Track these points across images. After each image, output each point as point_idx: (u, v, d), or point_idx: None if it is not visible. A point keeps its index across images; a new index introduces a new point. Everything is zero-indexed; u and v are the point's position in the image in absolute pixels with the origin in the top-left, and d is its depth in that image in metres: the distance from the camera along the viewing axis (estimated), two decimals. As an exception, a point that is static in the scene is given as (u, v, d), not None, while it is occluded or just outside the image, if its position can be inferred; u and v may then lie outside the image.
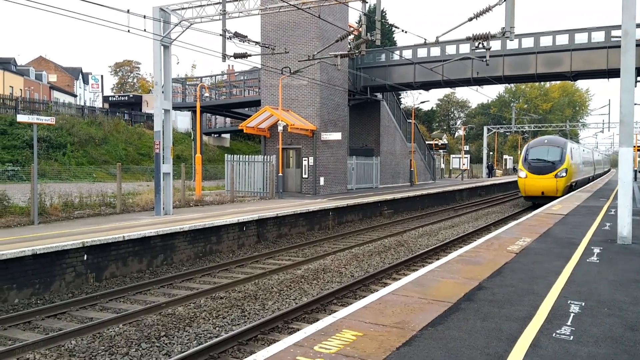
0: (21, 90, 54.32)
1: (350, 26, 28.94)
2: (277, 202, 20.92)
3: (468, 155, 56.52)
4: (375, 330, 5.05)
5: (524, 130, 72.51)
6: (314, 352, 4.46)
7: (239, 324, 8.02)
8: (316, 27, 24.88)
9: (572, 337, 4.94)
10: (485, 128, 64.60)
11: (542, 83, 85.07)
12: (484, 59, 18.08)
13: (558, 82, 75.27)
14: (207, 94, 29.65)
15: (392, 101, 36.92)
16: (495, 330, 5.11)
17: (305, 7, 16.11)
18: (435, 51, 28.51)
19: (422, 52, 29.02)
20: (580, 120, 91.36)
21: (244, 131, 26.48)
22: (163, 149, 16.29)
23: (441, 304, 6.02)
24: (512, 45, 26.62)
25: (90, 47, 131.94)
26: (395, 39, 53.03)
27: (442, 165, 56.41)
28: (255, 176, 24.96)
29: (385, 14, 52.90)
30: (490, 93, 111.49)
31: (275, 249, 14.77)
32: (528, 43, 27.06)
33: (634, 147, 14.39)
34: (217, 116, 44.94)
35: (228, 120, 45.66)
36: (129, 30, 13.58)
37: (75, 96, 68.33)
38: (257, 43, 16.50)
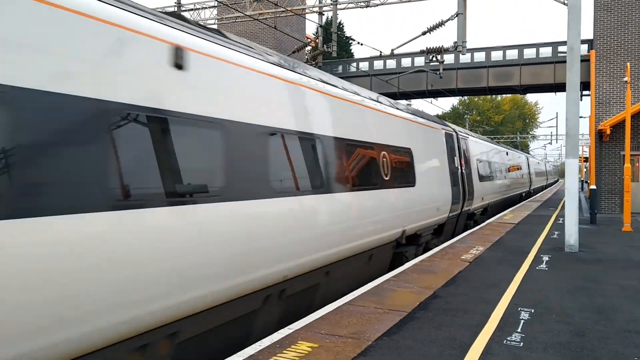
0: None
1: (307, 37, 29.14)
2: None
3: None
4: (331, 341, 5.04)
5: (477, 141, 74.41)
6: (269, 364, 4.41)
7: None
8: (273, 38, 24.94)
9: (522, 343, 5.06)
10: (439, 139, 65.88)
11: (494, 96, 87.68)
12: (438, 72, 18.50)
13: (509, 95, 77.75)
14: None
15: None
16: (449, 338, 5.18)
17: (262, 18, 16.14)
18: (391, 63, 29.01)
19: (378, 65, 29.47)
20: (530, 132, 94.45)
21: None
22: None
23: (397, 313, 6.07)
24: (464, 59, 27.36)
25: None
26: (352, 51, 53.63)
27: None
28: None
29: (343, 27, 53.46)
30: (444, 105, 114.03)
31: None
32: (480, 57, 27.88)
33: (580, 158, 14.96)
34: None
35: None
36: None
37: None
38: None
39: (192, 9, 17.52)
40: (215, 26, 26.38)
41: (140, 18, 4.41)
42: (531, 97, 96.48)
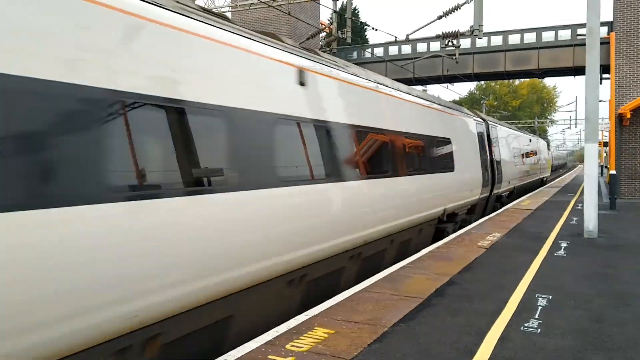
0: None
1: (322, 24, 28.94)
2: None
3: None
4: (348, 327, 5.06)
5: (494, 127, 73.64)
6: (286, 350, 4.45)
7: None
8: (287, 25, 24.84)
9: (539, 330, 5.03)
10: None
11: (511, 80, 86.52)
12: (454, 57, 18.29)
13: (527, 79, 76.66)
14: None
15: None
16: (465, 325, 5.18)
17: (276, 5, 16.06)
18: (406, 49, 28.74)
19: (393, 50, 29.20)
20: (549, 117, 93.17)
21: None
22: None
23: (413, 300, 6.07)
24: (481, 43, 27.01)
25: None
26: (367, 37, 53.17)
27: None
28: None
29: (358, 12, 52.98)
30: (461, 90, 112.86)
31: None
32: (497, 41, 27.48)
33: (599, 142, 14.76)
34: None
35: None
36: None
37: None
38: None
39: (206, -3, 17.57)
40: (229, 14, 26.34)
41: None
42: (549, 81, 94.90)
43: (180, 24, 4.51)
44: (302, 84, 6.33)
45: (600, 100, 16.17)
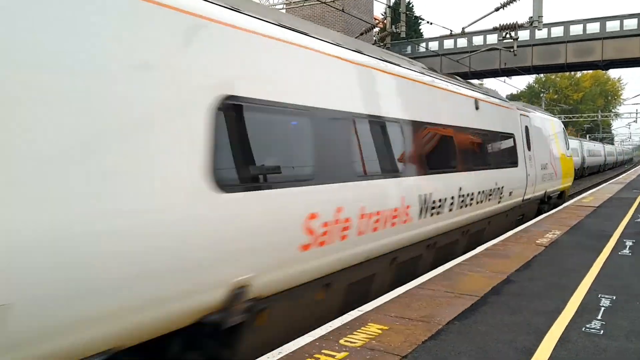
0: None
1: (375, 18, 28.79)
2: None
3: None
4: (401, 324, 5.04)
5: (554, 121, 71.27)
6: (340, 345, 4.48)
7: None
8: (341, 20, 24.82)
9: (602, 331, 4.85)
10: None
11: (573, 73, 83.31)
12: (512, 49, 17.81)
13: (589, 71, 73.61)
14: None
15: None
16: (523, 324, 5.05)
17: (329, 1, 16.09)
18: (462, 42, 28.19)
19: (448, 44, 28.72)
20: (613, 110, 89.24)
21: None
22: None
23: (468, 297, 5.97)
24: (540, 34, 26.15)
25: None
26: (421, 31, 52.35)
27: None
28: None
29: (412, 6, 52.29)
30: (519, 84, 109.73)
31: None
32: (557, 32, 26.54)
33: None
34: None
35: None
36: None
37: None
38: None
39: (260, -5, 17.86)
40: (283, 10, 26.59)
41: None
42: (614, 73, 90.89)
43: None
44: None
45: (670, 92, 15.36)
